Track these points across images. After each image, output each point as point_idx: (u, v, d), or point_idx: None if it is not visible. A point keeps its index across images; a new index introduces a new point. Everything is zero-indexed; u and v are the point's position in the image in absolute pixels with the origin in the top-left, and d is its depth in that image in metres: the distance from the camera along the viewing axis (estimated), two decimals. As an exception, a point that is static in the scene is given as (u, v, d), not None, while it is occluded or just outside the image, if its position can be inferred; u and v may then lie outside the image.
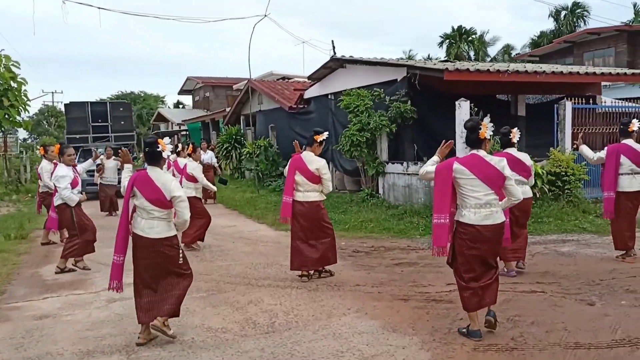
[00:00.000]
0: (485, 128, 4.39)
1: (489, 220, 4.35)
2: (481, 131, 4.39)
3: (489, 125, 4.43)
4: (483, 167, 4.33)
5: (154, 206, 4.54)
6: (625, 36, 24.04)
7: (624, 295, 5.49)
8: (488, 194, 4.35)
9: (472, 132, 4.45)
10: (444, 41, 34.36)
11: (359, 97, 11.73)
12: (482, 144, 4.46)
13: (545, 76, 11.36)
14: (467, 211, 4.37)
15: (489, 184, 4.34)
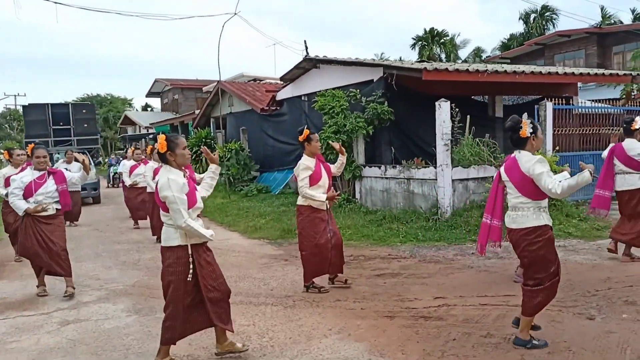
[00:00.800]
0: (525, 126, 4.14)
1: (514, 224, 4.20)
2: (522, 130, 4.14)
3: (528, 122, 4.17)
4: (514, 169, 4.20)
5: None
6: (595, 38, 24.25)
7: (624, 308, 5.12)
8: (516, 197, 4.21)
9: (513, 132, 4.23)
10: (416, 43, 34.23)
11: (334, 98, 11.27)
12: (525, 144, 4.20)
13: (525, 76, 11.09)
14: (506, 214, 4.36)
15: (517, 187, 4.19)
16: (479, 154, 9.72)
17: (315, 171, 5.91)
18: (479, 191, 9.61)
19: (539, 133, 4.24)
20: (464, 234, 8.74)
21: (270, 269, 7.31)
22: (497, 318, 4.98)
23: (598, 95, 18.60)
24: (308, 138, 5.95)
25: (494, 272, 6.65)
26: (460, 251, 7.90)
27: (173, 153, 4.02)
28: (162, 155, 4.06)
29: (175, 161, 4.04)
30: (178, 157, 4.04)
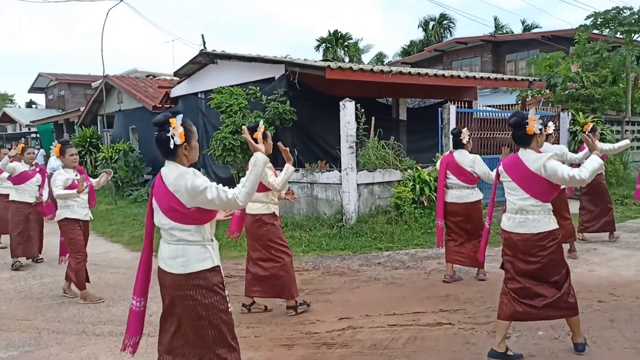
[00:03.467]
0: (533, 122, 3.86)
1: (523, 228, 3.88)
2: (529, 127, 3.85)
3: (536, 118, 3.89)
4: (517, 169, 3.92)
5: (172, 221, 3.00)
6: (490, 46, 25.26)
7: (538, 323, 4.71)
8: (524, 199, 3.89)
9: (518, 128, 3.91)
10: (320, 45, 34.05)
11: (232, 95, 10.39)
12: (531, 141, 3.90)
13: (428, 79, 10.89)
14: (506, 216, 4.03)
15: (525, 188, 3.88)
16: (385, 157, 9.32)
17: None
18: (385, 196, 9.19)
19: (544, 130, 4.02)
20: (369, 241, 8.25)
21: (153, 289, 6.28)
22: (407, 342, 4.41)
23: (494, 100, 19.17)
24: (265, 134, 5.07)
25: (402, 285, 6.15)
26: (366, 260, 7.37)
27: (189, 146, 3.03)
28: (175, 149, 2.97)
29: (187, 157, 3.05)
30: (193, 151, 3.06)
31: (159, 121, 2.99)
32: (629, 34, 13.79)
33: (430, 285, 6.09)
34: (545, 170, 3.78)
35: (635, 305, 5.12)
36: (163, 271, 3.05)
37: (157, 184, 3.06)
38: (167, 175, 2.99)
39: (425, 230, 8.64)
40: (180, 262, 2.96)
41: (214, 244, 3.08)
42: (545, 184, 3.83)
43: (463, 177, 6.12)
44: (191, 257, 2.96)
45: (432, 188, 9.30)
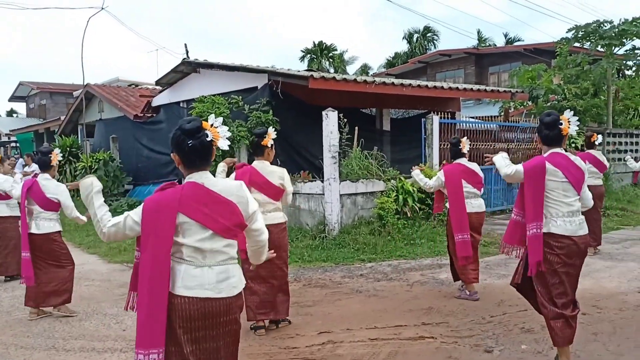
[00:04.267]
0: (567, 123, 3.82)
1: (583, 230, 3.79)
2: (563, 126, 3.79)
3: (574, 120, 3.90)
4: (572, 169, 3.78)
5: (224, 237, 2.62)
6: (473, 59, 25.49)
7: (521, 337, 4.69)
8: (576, 199, 3.82)
9: (552, 128, 3.81)
10: (305, 56, 34.11)
11: (214, 104, 10.28)
12: (562, 142, 3.88)
13: (411, 89, 10.88)
14: (562, 220, 3.74)
15: (577, 189, 3.80)
16: (368, 167, 9.24)
17: None
18: (368, 207, 9.09)
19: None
20: (352, 252, 8.13)
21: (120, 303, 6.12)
22: (388, 356, 4.29)
23: (477, 112, 19.29)
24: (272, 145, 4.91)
25: (384, 297, 6.04)
26: (349, 272, 7.25)
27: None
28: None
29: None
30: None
31: (191, 128, 2.60)
32: (609, 47, 13.95)
33: (412, 297, 5.98)
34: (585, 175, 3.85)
35: (618, 317, 5.07)
36: (208, 300, 2.55)
37: (199, 199, 2.58)
38: (221, 187, 2.63)
39: (409, 242, 8.55)
40: (233, 283, 2.62)
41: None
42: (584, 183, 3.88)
43: (479, 185, 5.96)
44: (238, 276, 2.67)
45: (415, 199, 9.24)
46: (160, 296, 2.51)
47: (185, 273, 2.55)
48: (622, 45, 14.29)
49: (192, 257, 2.57)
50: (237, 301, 2.65)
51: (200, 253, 2.57)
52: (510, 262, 7.69)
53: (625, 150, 14.80)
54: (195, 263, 2.56)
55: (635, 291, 6.10)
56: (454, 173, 5.91)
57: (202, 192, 2.59)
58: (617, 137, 14.72)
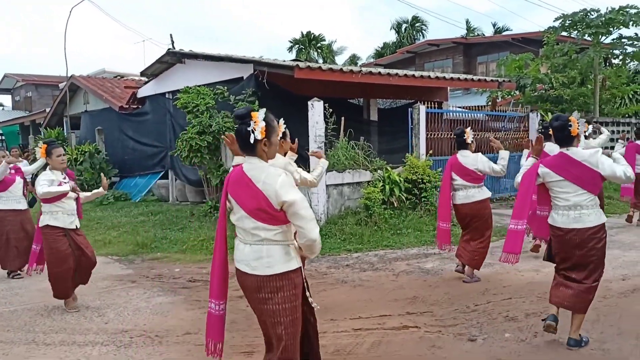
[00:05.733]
0: (576, 124, 4.07)
1: (578, 223, 4.02)
2: (572, 128, 4.05)
3: (582, 121, 4.17)
4: (571, 166, 4.04)
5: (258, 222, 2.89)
6: (462, 48, 25.43)
7: (505, 325, 4.68)
8: (578, 194, 4.03)
9: (562, 131, 4.09)
10: (293, 46, 33.86)
11: (199, 95, 10.16)
12: (574, 141, 4.11)
13: (398, 79, 10.82)
14: (557, 213, 4.13)
15: (580, 184, 4.02)
16: (354, 157, 9.20)
17: None
18: (355, 197, 9.06)
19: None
20: (338, 243, 8.10)
21: (111, 295, 6.07)
22: (371, 347, 4.27)
23: (465, 102, 19.27)
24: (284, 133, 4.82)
25: (369, 287, 6.01)
26: (335, 262, 7.22)
27: (269, 141, 2.91)
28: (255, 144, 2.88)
29: (267, 153, 2.93)
30: (272, 148, 2.95)
31: (241, 114, 2.87)
32: (596, 35, 13.97)
33: (397, 287, 5.97)
34: (600, 164, 3.94)
35: (602, 305, 5.07)
36: (243, 273, 2.94)
37: (237, 181, 2.91)
38: (254, 172, 2.86)
39: (395, 231, 8.54)
40: (267, 263, 2.85)
41: (295, 244, 2.95)
42: (598, 177, 3.98)
43: (468, 177, 6.08)
44: (280, 257, 2.86)
45: (402, 189, 9.22)
46: (218, 259, 3.10)
47: (236, 247, 2.98)
48: (608, 34, 14.32)
49: (239, 233, 2.96)
50: (272, 281, 2.85)
51: (241, 231, 2.93)
52: (495, 251, 7.70)
53: (612, 139, 14.85)
54: (241, 239, 2.95)
55: (619, 279, 6.13)
56: (448, 165, 6.27)
57: (240, 175, 2.90)
58: (604, 125, 14.75)
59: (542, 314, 4.87)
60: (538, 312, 4.96)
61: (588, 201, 4.02)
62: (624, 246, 7.93)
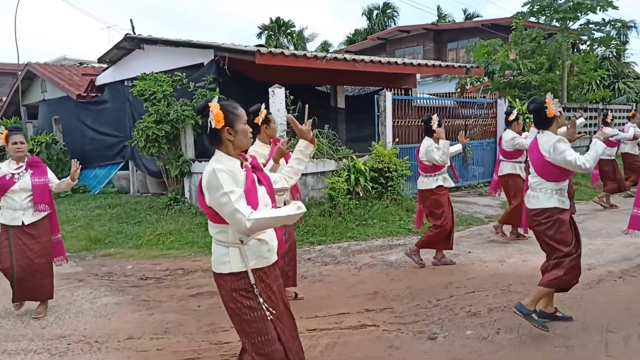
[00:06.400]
0: (551, 105, 4.08)
1: (529, 204, 4.18)
2: (548, 110, 4.07)
3: (555, 101, 4.13)
4: (534, 149, 4.18)
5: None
6: (432, 35, 25.30)
7: (467, 321, 4.47)
8: (533, 177, 4.18)
9: (538, 113, 4.13)
10: (262, 32, 33.27)
11: (157, 82, 9.71)
12: (551, 123, 4.12)
13: (364, 65, 10.52)
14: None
15: (535, 167, 4.16)
16: (318, 146, 8.89)
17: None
18: (319, 187, 8.79)
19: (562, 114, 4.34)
20: (301, 235, 7.81)
21: (55, 296, 5.65)
22: (325, 349, 4.01)
23: (435, 89, 19.14)
24: (266, 119, 4.67)
25: (329, 282, 5.75)
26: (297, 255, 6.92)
27: (232, 129, 2.64)
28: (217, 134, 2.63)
29: (233, 143, 2.65)
30: (239, 136, 2.65)
31: (200, 107, 2.70)
32: (564, 21, 13.90)
33: (358, 282, 5.72)
34: (554, 152, 3.94)
35: (566, 297, 4.88)
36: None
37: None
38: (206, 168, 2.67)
39: (360, 222, 8.29)
40: (214, 260, 2.74)
41: (244, 246, 2.65)
42: (548, 164, 4.01)
43: (419, 165, 6.24)
44: (216, 257, 2.72)
45: (367, 178, 8.97)
46: None
47: None
48: (576, 19, 14.26)
49: None
50: (219, 279, 2.71)
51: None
52: (461, 241, 7.54)
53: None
54: None
55: (585, 268, 5.93)
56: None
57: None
58: (572, 111, 14.76)
59: (506, 308, 4.70)
60: (501, 306, 4.77)
61: (537, 184, 4.12)
62: (590, 234, 7.83)
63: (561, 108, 4.21)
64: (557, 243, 4.02)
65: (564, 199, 4.09)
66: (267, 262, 2.72)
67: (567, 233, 4.03)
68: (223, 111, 2.61)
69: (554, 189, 4.05)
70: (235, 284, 2.66)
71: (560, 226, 4.02)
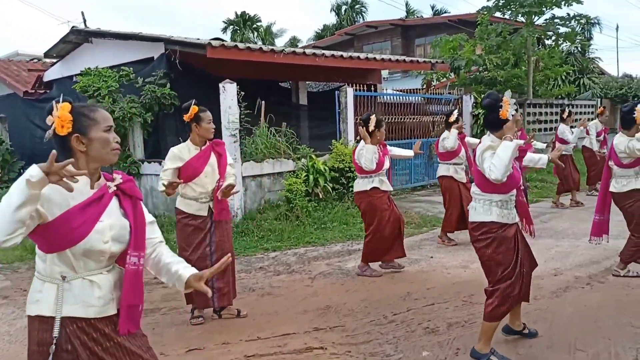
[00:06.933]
0: (507, 106, 3.47)
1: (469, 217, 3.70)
2: (502, 110, 3.47)
3: (512, 102, 3.50)
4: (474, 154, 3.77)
5: None
6: (400, 30, 25.02)
7: (424, 340, 4.05)
8: (473, 185, 3.69)
9: (491, 111, 3.55)
10: (227, 27, 32.51)
11: (101, 77, 9.07)
12: (501, 127, 3.50)
13: (325, 59, 10.08)
14: None
15: (473, 174, 3.72)
16: (275, 145, 8.41)
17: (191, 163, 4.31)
18: (275, 189, 8.30)
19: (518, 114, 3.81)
20: (256, 241, 7.33)
21: None
22: (265, 378, 3.54)
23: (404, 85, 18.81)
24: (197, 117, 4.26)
25: (279, 296, 5.28)
26: (248, 265, 6.44)
27: (85, 137, 2.06)
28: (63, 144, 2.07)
29: (87, 154, 2.06)
30: (93, 145, 2.07)
31: (49, 108, 2.09)
32: (529, 15, 13.68)
33: (311, 294, 5.26)
34: (480, 158, 3.48)
35: (532, 309, 4.53)
36: None
37: None
38: None
39: (319, 226, 7.85)
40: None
41: (66, 285, 2.00)
42: (479, 172, 3.56)
43: (355, 167, 5.85)
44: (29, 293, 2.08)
45: (327, 178, 8.53)
46: None
47: None
48: (541, 14, 14.06)
49: None
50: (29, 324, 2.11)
51: None
52: (424, 244, 7.16)
53: (545, 121, 14.72)
54: None
55: (551, 274, 5.66)
56: None
57: None
58: (538, 107, 14.60)
59: (466, 323, 4.31)
60: (462, 321, 4.37)
61: (475, 194, 3.63)
62: (556, 234, 7.56)
63: (516, 111, 3.59)
64: (495, 264, 3.52)
65: (508, 212, 3.54)
66: (95, 313, 2.04)
67: (506, 253, 3.50)
68: (73, 115, 2.04)
69: (493, 200, 3.52)
70: (41, 335, 2.00)
71: (499, 245, 3.50)
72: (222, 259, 2.23)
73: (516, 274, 3.52)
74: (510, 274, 3.50)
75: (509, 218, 3.54)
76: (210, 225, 4.48)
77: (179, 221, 4.53)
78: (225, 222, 4.57)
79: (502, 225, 3.50)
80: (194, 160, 4.36)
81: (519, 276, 3.53)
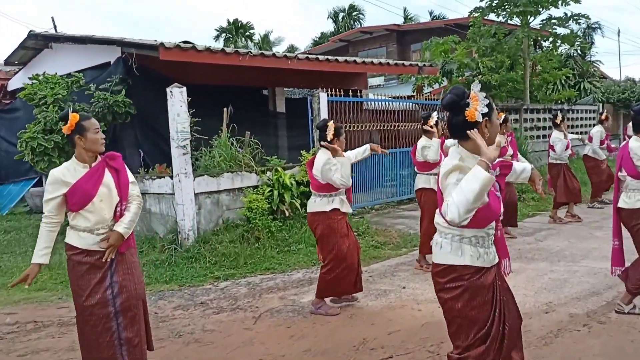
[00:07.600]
0: (476, 104, 2.47)
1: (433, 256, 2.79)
2: (469, 109, 2.47)
3: (481, 98, 2.49)
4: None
5: None
6: (395, 36, 24.28)
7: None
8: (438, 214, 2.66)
9: (455, 111, 2.53)
10: (219, 35, 31.81)
11: (48, 84, 8.23)
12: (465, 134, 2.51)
13: (298, 62, 9.20)
14: None
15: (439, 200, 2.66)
16: (235, 157, 7.51)
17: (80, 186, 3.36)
18: (235, 206, 7.39)
19: (493, 116, 2.58)
20: (207, 268, 6.42)
21: None
22: None
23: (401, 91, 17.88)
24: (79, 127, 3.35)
25: (207, 344, 4.33)
26: (190, 298, 5.53)
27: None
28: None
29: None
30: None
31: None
32: (524, 15, 12.79)
33: (246, 342, 4.32)
34: (442, 183, 2.54)
35: None
36: None
37: None
38: None
39: (282, 248, 6.94)
40: None
41: None
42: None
43: (312, 182, 5.01)
44: None
45: (294, 194, 7.63)
46: None
47: None
48: (537, 15, 13.16)
49: None
50: None
51: None
52: (399, 270, 6.24)
53: (543, 127, 13.78)
54: None
55: (542, 310, 4.72)
56: None
57: None
58: (535, 112, 13.66)
59: (427, 387, 3.37)
60: (422, 383, 3.44)
61: (441, 226, 2.63)
62: (551, 256, 6.62)
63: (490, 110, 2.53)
64: (467, 323, 2.59)
65: (485, 252, 2.60)
66: None
67: (482, 307, 2.58)
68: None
69: (465, 236, 2.57)
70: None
71: (474, 296, 2.57)
72: None
73: (492, 336, 2.58)
74: (485, 336, 2.59)
75: (485, 260, 2.61)
76: (111, 261, 3.54)
77: (70, 259, 3.54)
78: (129, 254, 3.61)
79: (478, 270, 2.58)
80: (83, 181, 3.40)
81: (494, 338, 2.58)
